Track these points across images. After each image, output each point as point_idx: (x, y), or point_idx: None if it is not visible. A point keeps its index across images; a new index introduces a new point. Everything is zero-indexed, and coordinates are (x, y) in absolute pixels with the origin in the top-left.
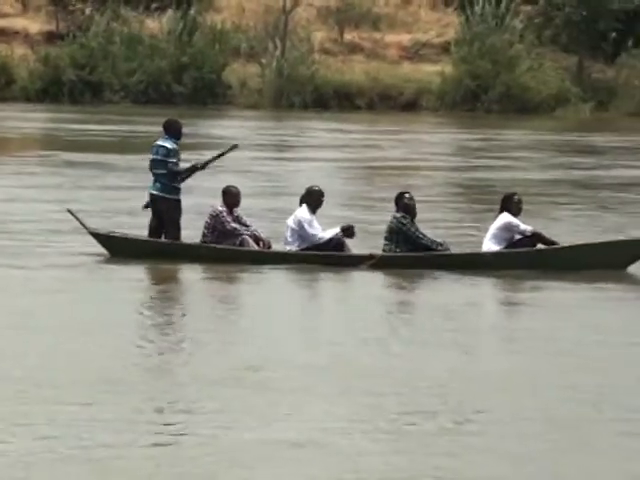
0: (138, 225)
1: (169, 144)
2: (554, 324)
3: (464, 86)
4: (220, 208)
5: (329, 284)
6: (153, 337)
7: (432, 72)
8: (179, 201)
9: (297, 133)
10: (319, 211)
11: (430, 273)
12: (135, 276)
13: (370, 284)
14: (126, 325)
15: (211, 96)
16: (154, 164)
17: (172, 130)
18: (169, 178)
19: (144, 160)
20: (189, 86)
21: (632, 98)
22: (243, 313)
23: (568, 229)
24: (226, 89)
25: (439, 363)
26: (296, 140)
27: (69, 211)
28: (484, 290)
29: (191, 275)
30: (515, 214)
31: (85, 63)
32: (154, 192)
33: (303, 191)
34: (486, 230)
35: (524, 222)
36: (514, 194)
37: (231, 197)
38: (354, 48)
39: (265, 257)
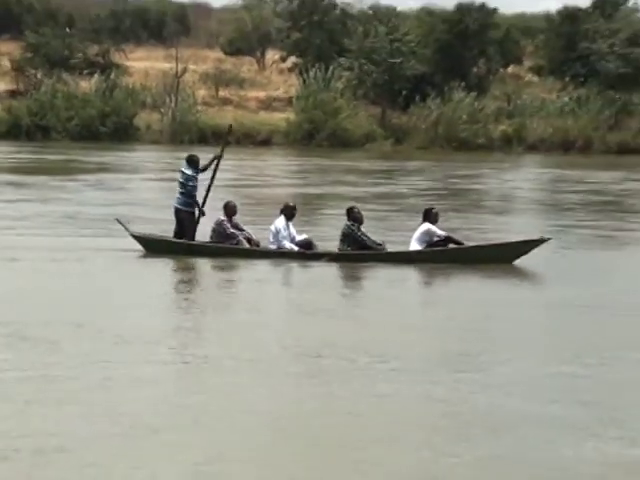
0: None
1: (190, 172)
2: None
3: (303, 128)
4: (222, 217)
5: (296, 272)
6: (172, 306)
7: (280, 118)
8: (194, 212)
9: (167, 161)
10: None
11: (371, 265)
12: (165, 266)
13: (328, 272)
14: (155, 296)
15: (126, 135)
16: (180, 185)
17: (192, 162)
18: (187, 196)
19: (50, 180)
20: (111, 128)
21: (419, 136)
22: (235, 293)
23: (323, 231)
24: (136, 130)
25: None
26: (158, 166)
27: (117, 220)
28: (408, 277)
29: (202, 265)
30: (432, 222)
31: (37, 112)
32: (177, 205)
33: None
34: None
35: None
36: (432, 208)
37: (230, 209)
38: (226, 101)
39: (254, 253)
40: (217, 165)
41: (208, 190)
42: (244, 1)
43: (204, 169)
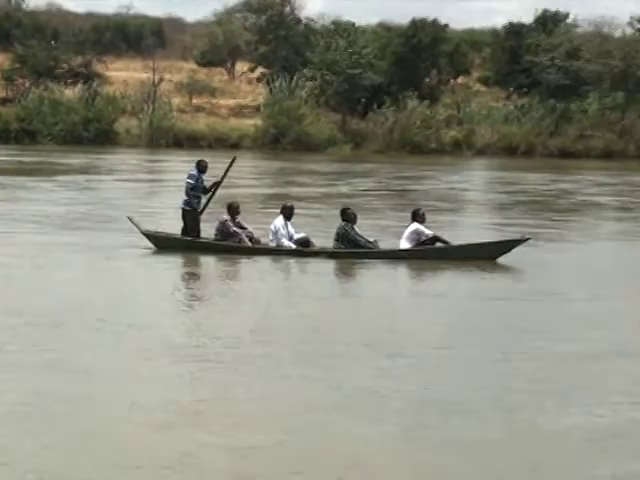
0: None
1: (193, 172)
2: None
3: (270, 133)
4: (225, 217)
5: (293, 268)
6: (176, 295)
7: (249, 124)
8: (197, 211)
9: (141, 164)
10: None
11: (363, 262)
12: (172, 260)
13: (322, 268)
14: (163, 287)
15: (107, 139)
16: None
17: (199, 166)
18: (185, 194)
19: (28, 181)
20: (93, 133)
21: (377, 141)
22: (236, 284)
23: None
24: (116, 135)
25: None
26: (133, 168)
27: (129, 218)
28: (396, 273)
29: (207, 261)
30: (420, 222)
31: (25, 118)
32: (183, 206)
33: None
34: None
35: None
36: (419, 209)
37: (233, 209)
38: (199, 109)
39: (255, 251)
40: (216, 189)
41: (203, 210)
42: (216, 16)
43: (206, 192)
